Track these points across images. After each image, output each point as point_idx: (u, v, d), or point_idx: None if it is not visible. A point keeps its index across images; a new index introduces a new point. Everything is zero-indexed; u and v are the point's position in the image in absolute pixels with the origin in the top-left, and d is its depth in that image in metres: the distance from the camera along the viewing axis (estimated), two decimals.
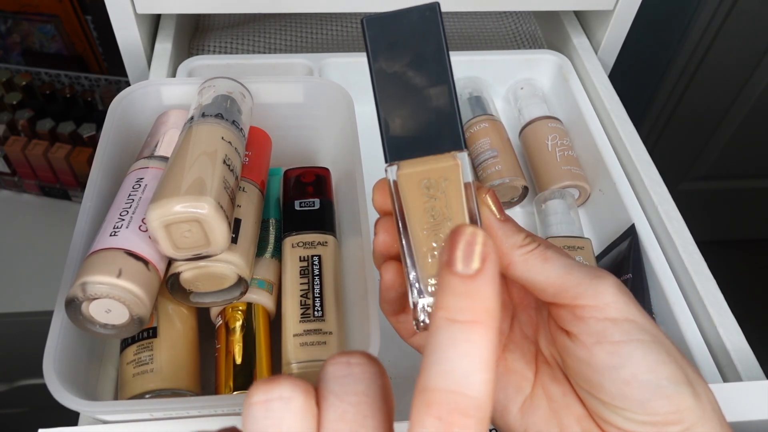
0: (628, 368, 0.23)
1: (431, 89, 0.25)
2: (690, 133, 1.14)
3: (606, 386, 0.23)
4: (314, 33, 0.70)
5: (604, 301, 0.23)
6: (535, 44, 0.71)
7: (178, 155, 0.36)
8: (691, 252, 0.47)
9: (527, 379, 0.27)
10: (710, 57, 0.99)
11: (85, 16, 0.89)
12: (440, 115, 0.25)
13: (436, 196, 0.25)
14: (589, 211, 0.56)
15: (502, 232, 0.25)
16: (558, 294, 0.24)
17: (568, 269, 0.24)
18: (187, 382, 0.37)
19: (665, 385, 0.22)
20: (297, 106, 0.47)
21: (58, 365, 0.32)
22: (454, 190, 0.25)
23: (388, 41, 0.25)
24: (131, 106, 0.45)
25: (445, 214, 0.25)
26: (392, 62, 0.25)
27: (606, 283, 0.24)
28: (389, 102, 0.25)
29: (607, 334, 0.23)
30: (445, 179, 0.25)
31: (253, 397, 0.17)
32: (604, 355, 0.23)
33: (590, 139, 0.56)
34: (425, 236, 0.25)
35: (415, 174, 0.25)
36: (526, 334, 0.28)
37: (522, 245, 0.25)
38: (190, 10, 0.56)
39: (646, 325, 0.24)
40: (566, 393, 0.25)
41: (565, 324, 0.24)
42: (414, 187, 0.25)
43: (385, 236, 0.26)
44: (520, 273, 0.25)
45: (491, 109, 0.59)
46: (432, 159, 0.25)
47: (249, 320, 0.39)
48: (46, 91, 0.85)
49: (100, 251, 0.34)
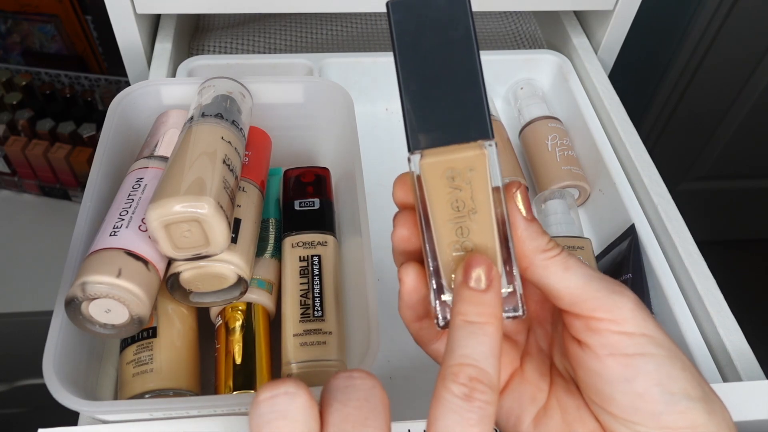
0: (641, 380, 0.23)
1: (458, 76, 0.23)
2: (690, 133, 1.14)
3: (617, 398, 0.23)
4: (314, 33, 0.70)
5: (621, 315, 0.23)
6: (535, 44, 0.71)
7: (177, 155, 0.36)
8: (691, 252, 0.47)
9: (542, 390, 0.26)
10: (710, 57, 0.99)
11: (85, 16, 0.89)
12: (467, 102, 0.23)
13: (461, 186, 0.24)
14: (589, 211, 0.56)
15: (527, 233, 0.24)
16: (575, 303, 0.24)
17: (588, 280, 0.24)
18: (186, 382, 0.37)
19: (679, 400, 0.22)
20: (297, 106, 0.47)
21: (57, 365, 0.32)
22: (480, 181, 0.24)
23: (413, 25, 0.23)
24: (131, 106, 0.45)
25: (470, 206, 0.24)
26: (417, 47, 0.24)
27: (625, 299, 0.24)
28: (413, 88, 0.24)
29: (621, 346, 0.23)
30: (470, 169, 0.24)
31: (261, 395, 0.20)
32: (617, 367, 0.23)
33: (590, 139, 0.56)
34: (449, 229, 0.24)
35: (439, 163, 0.24)
36: (542, 348, 0.28)
37: (545, 249, 0.24)
38: (190, 10, 0.56)
39: (662, 340, 0.23)
40: (580, 406, 0.25)
41: (578, 334, 0.24)
42: (438, 178, 0.24)
43: (403, 230, 0.25)
44: (539, 277, 0.24)
45: (491, 109, 0.59)
46: (457, 148, 0.24)
47: (249, 320, 0.39)
48: (46, 91, 0.85)
49: (100, 251, 0.34)
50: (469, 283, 0.23)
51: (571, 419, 0.25)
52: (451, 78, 0.24)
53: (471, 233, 0.24)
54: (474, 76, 0.23)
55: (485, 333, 0.22)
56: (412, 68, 0.24)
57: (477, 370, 0.21)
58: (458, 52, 0.23)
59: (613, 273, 0.48)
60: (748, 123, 1.11)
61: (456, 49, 0.23)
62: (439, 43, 0.24)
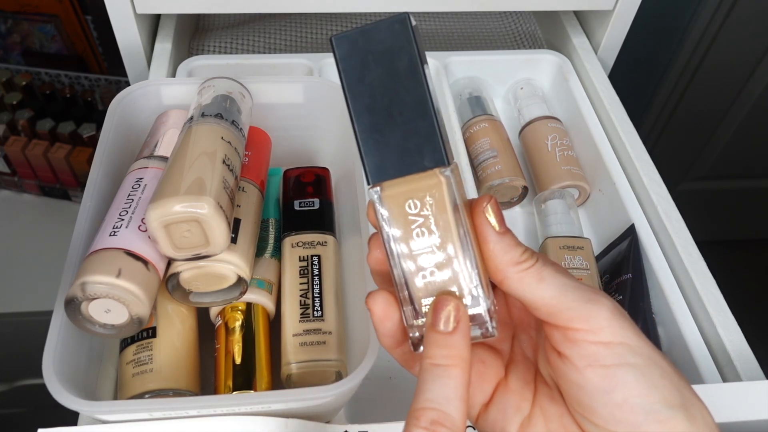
0: (619, 392, 0.22)
1: (408, 105, 0.24)
2: (690, 133, 1.14)
3: (598, 410, 0.23)
4: (314, 33, 0.70)
5: (597, 325, 0.23)
6: (535, 44, 0.71)
7: (177, 155, 0.36)
8: (691, 252, 0.47)
9: (526, 400, 0.26)
10: (710, 57, 0.99)
11: (85, 16, 0.89)
12: (420, 131, 0.24)
13: (421, 215, 0.24)
14: (589, 211, 0.56)
15: (499, 247, 0.24)
16: (552, 314, 0.24)
17: (562, 290, 0.24)
18: (186, 382, 0.37)
19: (658, 409, 0.22)
20: (297, 106, 0.47)
21: (57, 365, 0.32)
22: (439, 208, 0.24)
23: (359, 59, 0.24)
24: (131, 106, 0.45)
25: (432, 233, 0.24)
26: (365, 81, 0.24)
27: (600, 307, 0.23)
28: (365, 122, 0.24)
29: (599, 357, 0.23)
30: (429, 198, 0.24)
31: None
32: (596, 379, 0.23)
33: (590, 139, 0.56)
34: (414, 257, 0.24)
35: (399, 194, 0.24)
36: (526, 354, 0.28)
37: (519, 262, 0.24)
38: (190, 10, 0.56)
39: (641, 348, 0.23)
40: (563, 414, 0.25)
41: (557, 345, 0.24)
42: (399, 208, 0.24)
43: (378, 252, 0.26)
44: (514, 290, 0.24)
45: (491, 109, 0.59)
46: (416, 177, 0.24)
47: (248, 320, 0.39)
48: (46, 91, 0.85)
49: (100, 251, 0.34)
50: (438, 326, 0.24)
51: (555, 427, 0.25)
52: (401, 108, 0.24)
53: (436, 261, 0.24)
54: (424, 104, 0.24)
55: (449, 376, 0.23)
56: (362, 102, 0.24)
57: (439, 414, 0.22)
58: (406, 82, 0.24)
59: (612, 273, 0.48)
60: (748, 123, 1.11)
61: (403, 78, 0.24)
62: (386, 74, 0.24)
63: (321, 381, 0.38)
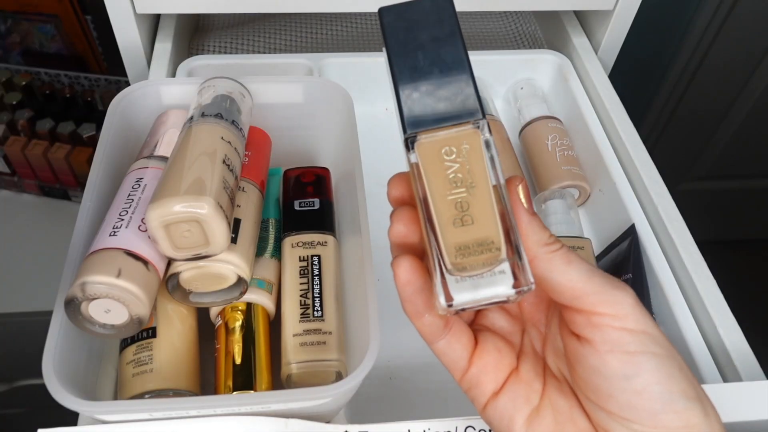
0: (640, 378, 0.23)
1: (447, 66, 0.25)
2: (690, 133, 1.14)
3: (615, 395, 0.23)
4: (314, 33, 0.70)
5: (623, 311, 0.23)
6: (535, 44, 0.71)
7: (177, 155, 0.36)
8: (691, 252, 0.47)
9: (536, 391, 0.27)
10: (710, 57, 0.99)
11: (85, 16, 0.89)
12: (457, 88, 0.25)
13: (457, 161, 0.25)
14: (589, 211, 0.56)
15: (530, 227, 0.25)
16: (577, 298, 0.24)
17: (589, 275, 0.24)
18: (186, 382, 0.37)
19: (677, 399, 0.23)
20: (297, 106, 0.47)
21: (57, 365, 0.32)
22: (475, 155, 0.25)
23: (403, 26, 0.26)
24: (131, 106, 0.44)
25: (467, 180, 0.24)
26: (408, 45, 0.25)
27: (625, 294, 0.24)
28: (406, 80, 0.25)
29: (622, 343, 0.23)
30: (465, 145, 0.25)
31: None
32: (618, 364, 0.23)
33: (590, 139, 0.56)
34: (448, 204, 0.24)
35: (435, 142, 0.25)
36: (536, 349, 0.28)
37: (548, 243, 0.24)
38: (190, 10, 0.56)
39: (660, 339, 0.24)
40: (572, 406, 0.26)
41: (579, 329, 0.24)
42: (434, 155, 0.25)
43: (400, 226, 0.25)
44: (542, 270, 0.24)
45: (491, 109, 0.59)
46: (451, 128, 0.25)
47: (248, 320, 0.39)
48: (45, 91, 0.85)
49: (100, 251, 0.34)
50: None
51: (563, 419, 0.25)
52: (440, 69, 0.25)
53: (471, 207, 0.24)
54: (462, 64, 0.25)
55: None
56: (403, 63, 0.26)
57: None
58: (446, 47, 0.25)
59: (613, 273, 0.48)
60: (748, 123, 1.11)
61: (444, 44, 0.25)
62: (428, 39, 0.26)
63: (321, 381, 0.38)
